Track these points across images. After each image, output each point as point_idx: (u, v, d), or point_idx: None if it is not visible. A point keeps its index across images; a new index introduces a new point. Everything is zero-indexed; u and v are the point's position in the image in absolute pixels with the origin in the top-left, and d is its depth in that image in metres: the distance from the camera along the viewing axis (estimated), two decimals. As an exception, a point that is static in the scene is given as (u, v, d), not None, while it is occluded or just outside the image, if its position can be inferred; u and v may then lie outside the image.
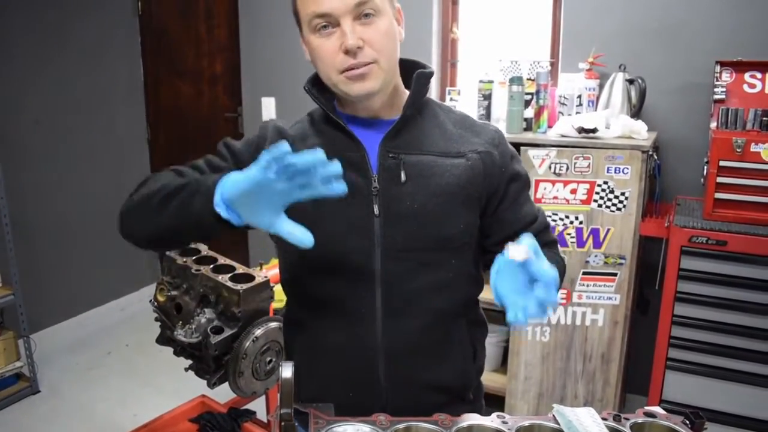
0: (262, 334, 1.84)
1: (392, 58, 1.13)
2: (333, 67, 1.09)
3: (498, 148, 1.21)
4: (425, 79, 1.19)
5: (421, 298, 1.16)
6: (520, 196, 1.25)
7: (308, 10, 1.07)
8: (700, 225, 2.19)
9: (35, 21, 3.38)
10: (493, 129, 1.25)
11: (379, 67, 1.09)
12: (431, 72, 1.21)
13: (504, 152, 1.23)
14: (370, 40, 1.07)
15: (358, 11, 1.05)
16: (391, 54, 1.12)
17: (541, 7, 2.94)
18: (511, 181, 1.23)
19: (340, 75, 1.09)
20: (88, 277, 3.82)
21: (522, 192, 1.25)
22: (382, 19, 1.09)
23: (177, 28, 3.95)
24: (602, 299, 2.41)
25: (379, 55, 1.08)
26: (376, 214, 1.13)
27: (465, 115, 1.27)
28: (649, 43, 2.62)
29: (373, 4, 1.06)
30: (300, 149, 1.15)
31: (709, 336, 2.23)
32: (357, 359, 1.18)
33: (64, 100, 3.59)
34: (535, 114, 2.58)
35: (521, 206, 1.25)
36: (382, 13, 1.08)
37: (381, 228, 1.13)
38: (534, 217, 1.26)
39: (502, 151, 1.22)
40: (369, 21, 1.07)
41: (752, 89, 2.39)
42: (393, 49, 1.12)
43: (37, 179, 3.49)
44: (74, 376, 3.33)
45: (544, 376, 2.56)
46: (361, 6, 1.05)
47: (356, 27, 1.06)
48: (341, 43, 1.06)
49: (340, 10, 1.04)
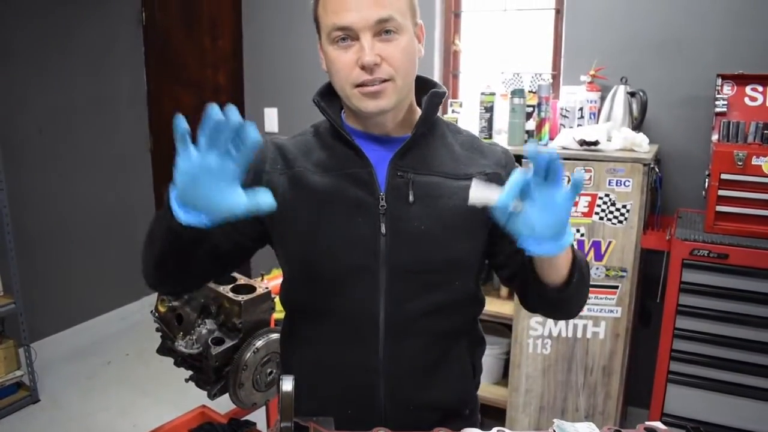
0: (263, 346, 1.84)
1: (408, 77, 1.12)
2: (348, 81, 1.07)
3: (506, 169, 1.21)
4: (438, 99, 1.18)
5: (424, 319, 1.15)
6: None
7: (329, 21, 1.06)
8: (702, 238, 2.19)
9: (39, 29, 3.40)
10: (500, 150, 1.25)
11: (395, 85, 1.08)
12: (444, 92, 1.20)
13: (512, 173, 1.21)
14: (388, 57, 1.06)
15: (379, 27, 1.04)
16: (407, 72, 1.11)
17: (542, 20, 2.96)
18: None
19: (354, 89, 1.08)
20: (90, 286, 3.82)
21: None
22: (403, 37, 1.07)
23: (181, 38, 3.97)
24: (603, 312, 2.41)
25: (395, 73, 1.07)
26: (383, 232, 1.12)
27: (473, 136, 1.27)
28: (650, 56, 2.63)
29: (395, 22, 1.05)
30: (302, 161, 1.16)
31: (711, 349, 2.22)
32: (357, 378, 1.17)
33: (67, 108, 3.60)
34: (536, 126, 2.58)
35: None
36: (403, 30, 1.07)
37: (387, 247, 1.12)
38: None
39: (509, 171, 1.20)
40: (389, 38, 1.06)
41: (753, 102, 2.39)
42: (410, 68, 1.11)
43: (40, 188, 3.50)
44: (74, 386, 3.32)
45: (545, 388, 2.56)
46: (382, 23, 1.04)
47: (375, 43, 1.05)
48: (358, 58, 1.05)
49: (361, 24, 1.03)
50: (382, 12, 1.03)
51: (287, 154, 1.17)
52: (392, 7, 1.05)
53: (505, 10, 3.04)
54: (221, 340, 1.82)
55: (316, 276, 1.14)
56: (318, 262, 1.14)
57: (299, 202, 1.13)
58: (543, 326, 2.49)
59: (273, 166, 1.16)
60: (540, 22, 2.97)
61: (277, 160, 1.17)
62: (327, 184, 1.13)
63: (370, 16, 1.03)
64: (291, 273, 1.23)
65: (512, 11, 3.03)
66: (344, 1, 1.04)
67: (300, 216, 1.13)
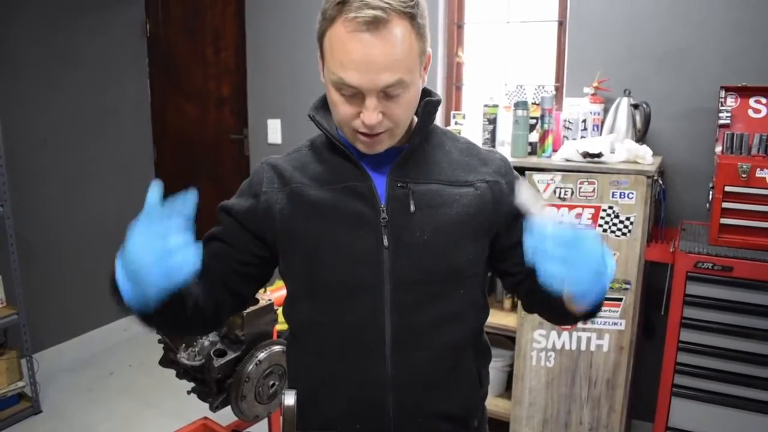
0: (266, 358, 1.84)
1: (408, 120, 1.12)
2: (346, 124, 1.08)
3: (505, 177, 1.21)
4: (433, 107, 1.18)
5: (430, 330, 1.14)
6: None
7: (335, 70, 1.02)
8: (706, 250, 2.18)
9: (43, 41, 3.42)
10: (499, 157, 1.25)
11: (391, 134, 1.09)
12: (439, 100, 1.19)
13: (511, 181, 1.22)
14: (390, 114, 1.05)
15: (387, 90, 1.02)
16: (407, 120, 1.11)
17: (546, 32, 2.97)
18: None
19: (352, 131, 1.08)
20: (92, 296, 3.81)
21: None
22: (408, 92, 1.05)
23: (184, 50, 3.99)
24: (607, 324, 2.40)
25: (395, 126, 1.07)
26: (386, 245, 1.11)
27: (470, 143, 1.27)
28: (653, 68, 2.64)
29: (403, 83, 1.02)
30: (299, 177, 1.16)
31: (716, 362, 2.21)
32: (365, 392, 1.16)
33: (71, 119, 3.62)
34: (539, 138, 2.58)
35: None
36: (409, 85, 1.04)
37: (391, 259, 1.11)
38: None
39: (509, 180, 1.22)
40: (394, 98, 1.04)
41: (757, 114, 2.39)
42: (410, 115, 1.11)
43: (43, 199, 3.51)
44: (76, 397, 3.31)
45: (548, 401, 2.54)
46: (390, 87, 1.02)
47: (380, 102, 1.03)
48: (360, 113, 1.04)
49: (368, 87, 1.01)
50: (392, 77, 1.00)
51: (283, 172, 1.17)
52: (402, 69, 1.02)
53: (508, 22, 3.05)
54: (223, 352, 1.82)
55: (320, 290, 1.14)
56: (322, 277, 1.13)
57: (300, 218, 1.13)
58: (546, 339, 2.48)
59: (270, 186, 1.16)
60: (543, 34, 2.98)
61: (273, 179, 1.17)
62: (326, 198, 1.13)
63: (379, 82, 1.00)
64: (295, 288, 1.22)
65: (515, 23, 3.04)
66: (354, 60, 0.99)
67: (301, 232, 1.13)
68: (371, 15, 0.96)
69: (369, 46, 0.98)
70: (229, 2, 3.73)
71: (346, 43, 0.99)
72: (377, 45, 0.98)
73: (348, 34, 0.98)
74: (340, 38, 1.00)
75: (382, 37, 0.98)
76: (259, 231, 1.16)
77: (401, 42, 1.00)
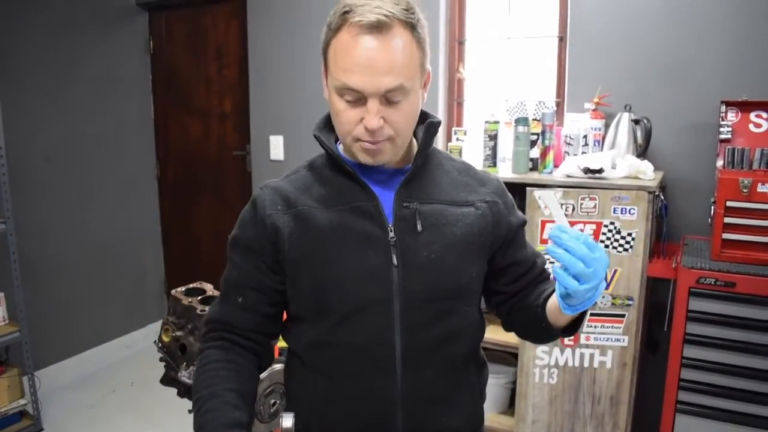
0: (267, 376, 1.83)
1: (408, 134, 1.14)
2: (349, 133, 1.10)
3: (502, 198, 1.26)
4: (434, 129, 1.20)
5: (438, 347, 1.17)
6: (524, 239, 1.31)
7: (338, 77, 1.06)
8: (708, 266, 2.17)
9: (47, 58, 3.45)
10: (494, 178, 1.29)
11: (393, 144, 1.11)
12: (439, 122, 1.22)
13: (507, 202, 1.27)
14: (392, 121, 1.07)
15: (388, 95, 1.05)
16: (408, 131, 1.13)
17: (546, 48, 2.98)
18: (519, 227, 1.28)
19: (355, 141, 1.10)
20: (94, 313, 3.82)
21: (524, 234, 1.32)
22: (409, 100, 1.08)
23: (188, 66, 4.01)
24: (610, 341, 2.39)
25: (396, 135, 1.09)
26: (395, 264, 1.13)
27: (466, 164, 1.30)
28: (654, 83, 2.64)
29: (404, 89, 1.06)
30: (304, 199, 1.17)
31: (719, 378, 2.19)
32: (374, 411, 1.16)
33: (74, 136, 3.64)
34: (540, 154, 2.58)
35: (526, 247, 1.31)
36: (410, 93, 1.08)
37: (400, 278, 1.13)
38: (535, 253, 1.32)
39: (505, 201, 1.27)
40: (395, 104, 1.07)
41: (758, 129, 2.39)
42: (412, 126, 1.14)
43: (46, 215, 3.51)
44: (78, 415, 3.30)
45: (552, 418, 2.53)
46: (391, 92, 1.05)
47: (381, 108, 1.06)
48: (363, 118, 1.06)
49: (370, 91, 1.04)
50: (393, 82, 1.04)
51: (287, 194, 1.18)
52: (403, 75, 1.05)
53: (508, 38, 3.06)
54: (224, 370, 1.81)
55: (330, 311, 1.14)
56: (332, 298, 1.14)
57: (309, 240, 1.14)
58: (549, 355, 2.47)
59: (273, 208, 1.17)
60: (544, 50, 2.99)
61: (277, 201, 1.17)
62: (333, 220, 1.14)
63: (381, 85, 1.03)
64: (299, 310, 1.21)
65: (516, 39, 3.05)
66: (357, 63, 1.03)
67: (310, 254, 1.14)
68: (375, 19, 1.01)
69: (372, 49, 1.02)
70: (232, 19, 3.76)
71: (350, 47, 1.03)
72: (380, 48, 1.03)
73: (352, 38, 1.03)
74: (344, 44, 1.04)
75: (384, 42, 1.03)
76: (271, 259, 1.17)
77: (403, 48, 1.04)
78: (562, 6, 2.87)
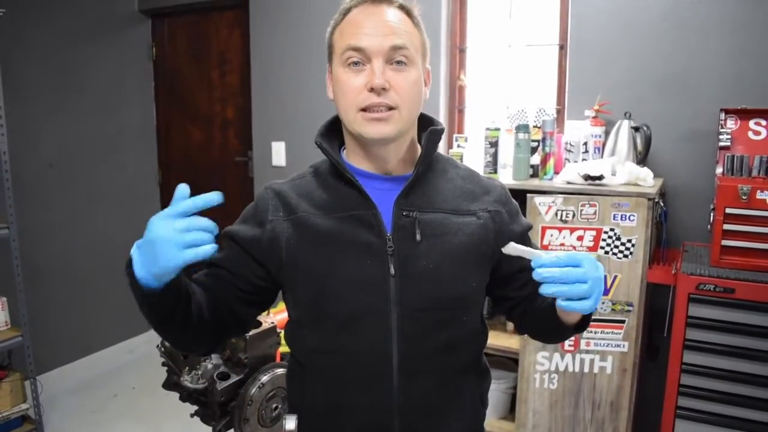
0: (269, 381, 1.84)
1: (413, 110, 1.15)
2: (354, 104, 1.10)
3: (506, 207, 1.25)
4: (437, 136, 1.21)
5: (436, 357, 1.16)
6: (529, 244, 1.28)
7: (344, 43, 1.11)
8: (708, 272, 2.19)
9: (50, 65, 3.47)
10: (499, 185, 1.28)
11: (399, 115, 1.11)
12: (443, 129, 1.23)
13: (511, 210, 1.26)
14: (397, 86, 1.09)
15: (392, 56, 1.09)
16: (413, 105, 1.14)
17: (547, 55, 3.00)
18: (523, 234, 1.26)
19: (359, 113, 1.10)
20: (96, 318, 3.83)
21: (529, 239, 1.30)
22: (413, 70, 1.12)
23: (190, 73, 4.04)
24: (610, 346, 2.40)
25: (401, 102, 1.10)
26: (392, 273, 1.12)
27: (470, 170, 1.29)
28: (654, 90, 2.66)
29: (408, 52, 1.10)
30: (306, 206, 1.17)
31: (719, 384, 2.20)
32: (372, 418, 1.16)
33: (77, 143, 3.66)
34: (541, 161, 2.60)
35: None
36: (413, 64, 1.12)
37: (397, 288, 1.12)
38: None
39: (509, 209, 1.26)
40: (400, 68, 1.10)
41: (757, 136, 2.41)
42: (416, 102, 1.15)
43: (49, 221, 3.53)
44: (80, 419, 3.31)
45: (552, 424, 2.53)
46: (395, 51, 1.08)
47: (386, 70, 1.09)
48: (368, 81, 1.08)
49: (375, 48, 1.08)
50: (397, 40, 1.08)
51: (288, 200, 1.18)
52: (407, 38, 1.11)
53: (509, 46, 3.08)
54: (227, 375, 1.82)
55: (327, 319, 1.14)
56: (329, 306, 1.14)
57: (306, 247, 1.14)
58: (550, 361, 2.48)
59: (275, 214, 1.18)
60: (544, 58, 3.01)
61: (279, 207, 1.18)
62: (332, 227, 1.14)
63: (385, 42, 1.08)
64: (300, 316, 1.22)
65: (517, 47, 3.07)
66: (362, 25, 1.10)
67: (308, 261, 1.14)
68: None
69: (376, 14, 1.11)
70: (234, 26, 3.79)
71: (355, 18, 1.12)
72: (383, 14, 1.11)
73: (358, 12, 1.12)
74: (349, 20, 1.13)
75: (388, 11, 1.12)
76: (263, 260, 1.17)
77: (403, 22, 1.12)
78: (562, 14, 2.89)
